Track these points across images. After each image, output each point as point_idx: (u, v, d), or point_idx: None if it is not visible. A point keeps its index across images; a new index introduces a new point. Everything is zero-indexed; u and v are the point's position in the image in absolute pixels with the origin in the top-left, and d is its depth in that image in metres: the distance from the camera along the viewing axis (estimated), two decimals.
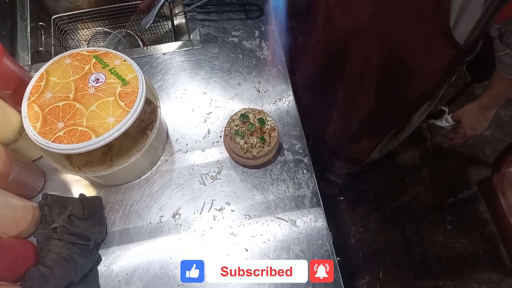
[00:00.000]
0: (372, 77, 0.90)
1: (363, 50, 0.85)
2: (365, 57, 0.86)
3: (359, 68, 0.90)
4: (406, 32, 0.76)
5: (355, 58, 0.88)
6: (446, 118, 1.01)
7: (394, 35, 0.78)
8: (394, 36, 0.78)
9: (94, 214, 0.78)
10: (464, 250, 1.71)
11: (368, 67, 0.88)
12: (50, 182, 0.84)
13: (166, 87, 0.94)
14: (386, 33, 0.78)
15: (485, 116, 0.91)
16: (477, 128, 0.93)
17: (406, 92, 0.91)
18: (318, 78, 1.04)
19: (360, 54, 0.86)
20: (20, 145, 0.77)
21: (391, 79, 0.88)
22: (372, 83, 0.92)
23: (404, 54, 0.80)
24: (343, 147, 1.33)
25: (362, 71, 0.90)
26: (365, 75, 0.91)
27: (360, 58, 0.87)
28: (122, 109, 0.68)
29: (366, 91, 0.95)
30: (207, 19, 1.04)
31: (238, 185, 0.84)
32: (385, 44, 0.80)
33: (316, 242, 0.79)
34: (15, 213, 0.70)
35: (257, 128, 0.79)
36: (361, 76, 0.92)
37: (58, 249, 0.69)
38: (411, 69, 0.83)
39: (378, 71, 0.88)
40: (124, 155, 0.81)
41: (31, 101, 0.69)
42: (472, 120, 0.93)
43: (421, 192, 1.84)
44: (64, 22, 1.18)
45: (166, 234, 0.79)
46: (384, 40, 0.80)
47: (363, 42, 0.83)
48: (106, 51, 0.76)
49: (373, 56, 0.85)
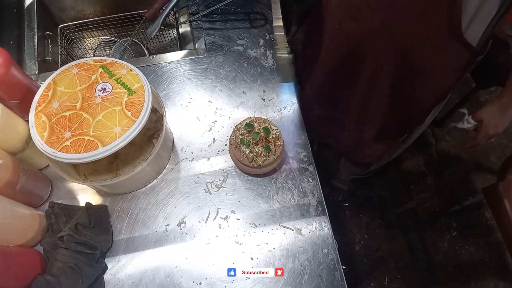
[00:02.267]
0: (385, 82, 0.91)
1: (375, 56, 0.85)
2: (377, 63, 0.87)
3: (371, 74, 0.90)
4: (419, 36, 0.77)
5: (367, 65, 0.89)
6: (467, 119, 1.02)
7: (406, 39, 0.79)
8: (406, 40, 0.79)
9: (100, 223, 0.78)
10: (470, 258, 1.70)
11: (380, 73, 0.89)
12: (56, 191, 0.84)
13: (171, 95, 0.95)
14: (398, 37, 0.79)
15: (506, 114, 0.92)
16: (498, 126, 0.95)
17: (419, 95, 0.93)
18: (329, 88, 1.04)
19: (372, 60, 0.87)
20: (27, 154, 0.78)
21: (404, 82, 0.89)
22: (385, 88, 0.93)
23: (416, 57, 0.81)
24: (355, 152, 1.33)
25: (374, 77, 0.91)
26: (377, 80, 0.91)
27: (372, 64, 0.88)
28: (129, 119, 0.68)
29: (379, 96, 0.96)
30: (212, 27, 1.04)
31: (243, 193, 0.84)
32: (397, 49, 0.81)
33: (321, 251, 0.79)
34: (23, 222, 0.71)
35: (262, 137, 0.79)
36: (374, 81, 0.92)
37: (64, 258, 0.69)
38: (424, 71, 0.84)
39: (391, 75, 0.88)
40: (130, 164, 0.82)
41: (39, 110, 0.70)
42: (494, 119, 0.95)
43: (426, 199, 1.83)
44: (70, 31, 1.19)
45: (171, 243, 0.79)
46: (396, 45, 0.80)
47: (374, 48, 0.84)
48: (112, 61, 0.76)
49: (385, 61, 0.85)
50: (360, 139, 1.18)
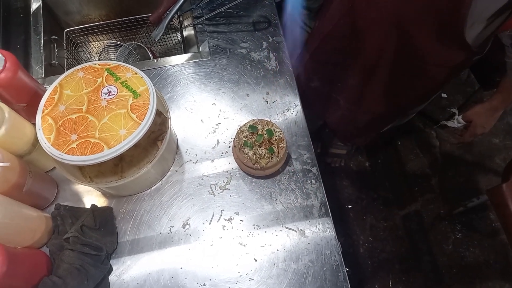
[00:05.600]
0: (384, 68, 0.95)
1: (380, 41, 0.90)
2: (380, 48, 0.91)
3: (373, 57, 0.95)
4: (423, 30, 0.81)
5: (370, 48, 0.93)
6: (457, 119, 1.07)
7: (412, 31, 0.83)
8: (411, 32, 0.83)
9: (106, 224, 0.79)
10: (475, 259, 1.70)
11: (382, 58, 0.93)
12: (62, 193, 0.85)
13: (176, 98, 0.96)
14: (404, 28, 0.83)
15: (494, 116, 0.98)
16: (486, 127, 1.00)
17: (415, 85, 0.98)
18: (332, 62, 1.09)
19: (376, 44, 0.91)
20: (34, 156, 0.79)
21: (403, 70, 0.94)
22: (384, 74, 0.97)
23: (417, 48, 0.85)
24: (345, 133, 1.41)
25: (375, 61, 0.95)
26: (378, 65, 0.95)
27: (376, 48, 0.92)
28: (134, 121, 0.69)
29: (376, 81, 1.00)
30: (215, 31, 1.05)
31: (247, 195, 0.85)
32: (401, 38, 0.86)
33: (325, 252, 0.79)
34: (30, 223, 0.72)
35: (265, 139, 0.79)
36: (374, 65, 0.96)
37: (70, 259, 0.70)
38: (423, 62, 0.89)
39: (391, 62, 0.93)
40: (135, 166, 0.83)
41: (45, 113, 0.71)
42: (482, 119, 0.99)
43: (430, 200, 1.83)
44: (76, 35, 1.21)
45: (176, 244, 0.80)
46: (400, 34, 0.85)
47: (380, 33, 0.88)
48: (118, 64, 0.77)
49: (388, 47, 0.90)
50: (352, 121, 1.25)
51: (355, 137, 1.42)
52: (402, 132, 1.96)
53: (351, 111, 1.21)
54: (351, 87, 1.10)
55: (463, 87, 1.98)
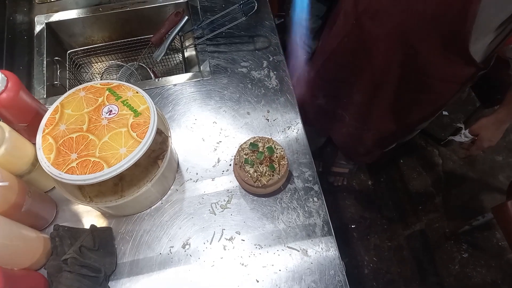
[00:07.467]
0: (390, 84, 0.95)
1: (385, 56, 0.90)
2: (386, 64, 0.91)
3: (378, 73, 0.95)
4: (429, 45, 0.82)
5: (376, 64, 0.93)
6: (464, 133, 1.07)
7: (417, 46, 0.83)
8: (417, 47, 0.83)
9: (105, 245, 0.77)
10: (482, 280, 1.66)
11: (387, 73, 0.93)
12: (61, 213, 0.84)
13: (177, 117, 0.96)
14: (409, 43, 0.84)
15: (500, 129, 0.99)
16: (493, 140, 1.00)
17: (422, 101, 0.99)
18: (337, 79, 1.09)
19: (381, 60, 0.91)
20: (34, 176, 0.79)
21: (409, 86, 0.94)
22: (390, 90, 0.97)
23: (422, 63, 0.86)
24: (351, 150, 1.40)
25: (381, 77, 0.95)
26: (383, 81, 0.96)
27: (381, 64, 0.92)
28: (134, 140, 0.69)
29: (382, 97, 1.00)
30: (216, 50, 1.06)
31: (248, 214, 0.84)
32: (406, 53, 0.86)
33: (328, 273, 0.77)
34: (28, 244, 0.71)
35: (266, 156, 0.79)
36: (380, 82, 0.97)
37: (68, 281, 0.69)
38: (429, 78, 0.89)
39: (397, 78, 0.93)
40: (135, 185, 0.82)
41: (46, 133, 0.71)
42: (489, 133, 1.00)
43: (435, 220, 1.80)
44: (78, 56, 1.22)
45: (176, 265, 0.79)
46: (405, 49, 0.85)
47: (386, 49, 0.89)
48: (119, 84, 0.78)
49: (394, 63, 0.90)
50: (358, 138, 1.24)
51: (362, 155, 1.41)
52: (404, 151, 1.95)
53: (357, 128, 1.21)
54: (357, 103, 1.11)
55: (463, 105, 1.99)
